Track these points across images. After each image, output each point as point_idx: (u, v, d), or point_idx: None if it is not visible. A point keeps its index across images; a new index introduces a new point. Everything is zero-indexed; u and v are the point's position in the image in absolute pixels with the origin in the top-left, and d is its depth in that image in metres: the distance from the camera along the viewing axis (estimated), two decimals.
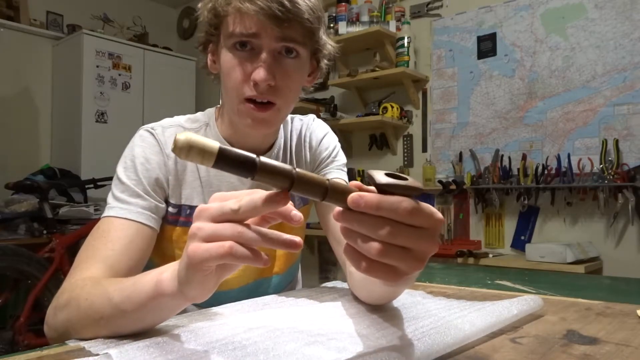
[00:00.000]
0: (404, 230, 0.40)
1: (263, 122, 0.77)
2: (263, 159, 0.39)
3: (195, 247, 0.43)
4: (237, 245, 0.42)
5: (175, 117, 0.88)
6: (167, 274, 0.51)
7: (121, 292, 0.55)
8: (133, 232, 0.73)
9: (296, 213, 0.43)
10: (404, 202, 0.40)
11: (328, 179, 0.41)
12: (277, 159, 0.90)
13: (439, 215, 0.42)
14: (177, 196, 0.82)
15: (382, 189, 0.41)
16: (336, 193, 0.41)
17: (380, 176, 0.41)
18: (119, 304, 0.55)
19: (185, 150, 0.36)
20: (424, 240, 0.41)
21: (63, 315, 0.61)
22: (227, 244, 0.42)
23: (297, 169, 0.40)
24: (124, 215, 0.74)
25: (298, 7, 0.71)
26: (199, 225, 0.44)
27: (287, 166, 0.40)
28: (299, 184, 0.40)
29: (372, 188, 0.42)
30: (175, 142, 0.37)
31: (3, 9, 3.45)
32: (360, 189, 0.42)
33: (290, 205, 0.42)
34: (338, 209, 0.41)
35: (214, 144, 0.37)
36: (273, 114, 0.77)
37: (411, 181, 0.42)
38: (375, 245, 0.39)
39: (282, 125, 0.91)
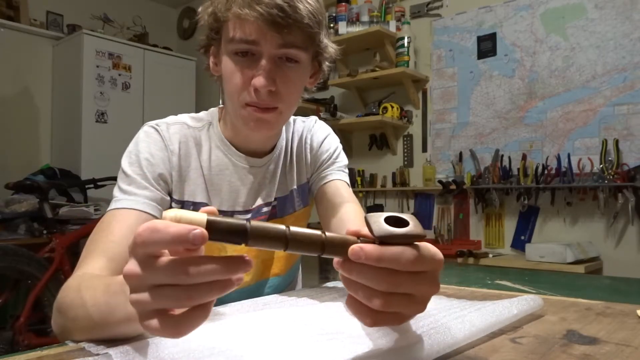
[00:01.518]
0: (406, 279, 0.40)
1: (265, 124, 0.77)
2: (254, 223, 0.38)
3: None
4: None
5: (180, 115, 0.88)
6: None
7: (98, 309, 0.53)
8: (133, 220, 0.71)
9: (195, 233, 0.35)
10: (405, 253, 0.39)
11: (324, 233, 0.40)
12: (278, 160, 0.90)
13: (440, 256, 0.42)
14: (180, 192, 0.82)
15: (382, 240, 0.40)
16: (334, 246, 0.40)
17: (379, 225, 0.40)
18: (98, 322, 0.53)
19: None
20: (426, 284, 0.41)
21: (55, 317, 0.62)
22: None
23: (291, 228, 0.39)
24: (129, 206, 0.73)
25: (298, 12, 0.70)
26: None
27: (279, 227, 0.39)
28: (293, 244, 0.39)
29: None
30: (164, 218, 0.37)
31: (3, 9, 3.45)
32: (357, 236, 0.41)
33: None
34: (338, 259, 0.41)
35: (202, 217, 0.37)
36: (275, 116, 0.77)
37: (412, 227, 0.41)
38: (378, 299, 0.39)
39: (284, 127, 0.91)
